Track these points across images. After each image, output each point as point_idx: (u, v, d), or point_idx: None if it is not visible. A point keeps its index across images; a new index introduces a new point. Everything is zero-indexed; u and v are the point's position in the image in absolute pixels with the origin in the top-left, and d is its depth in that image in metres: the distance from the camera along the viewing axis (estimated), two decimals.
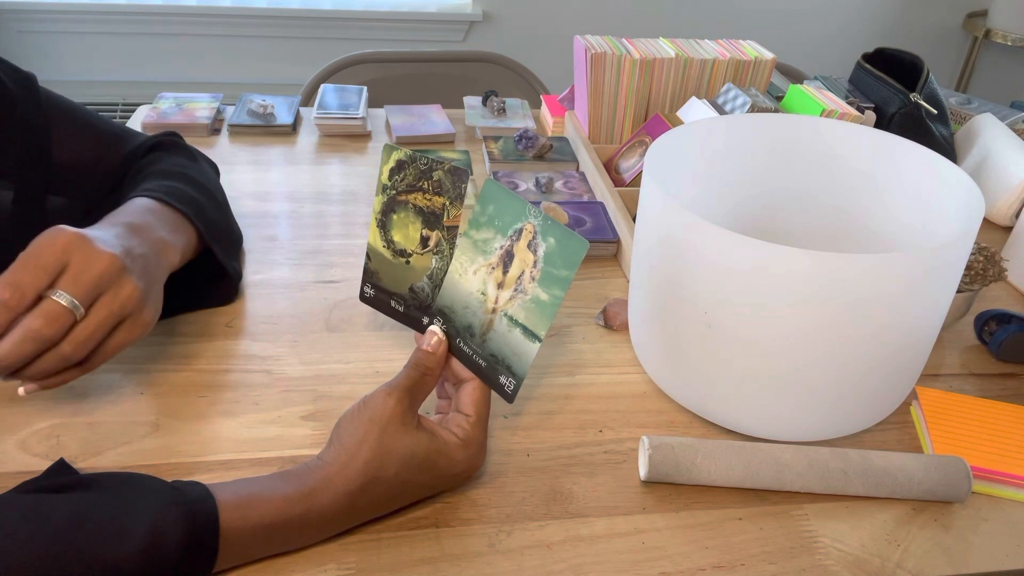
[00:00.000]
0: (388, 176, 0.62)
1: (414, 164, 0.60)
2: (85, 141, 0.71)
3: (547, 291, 0.51)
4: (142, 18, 2.38)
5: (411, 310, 0.63)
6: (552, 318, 0.51)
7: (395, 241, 0.62)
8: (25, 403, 0.60)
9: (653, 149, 0.63)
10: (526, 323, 0.52)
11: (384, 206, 0.62)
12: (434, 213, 0.60)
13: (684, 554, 0.53)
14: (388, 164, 0.62)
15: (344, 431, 0.50)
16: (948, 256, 0.54)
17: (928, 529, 0.56)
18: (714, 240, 0.54)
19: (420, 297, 0.62)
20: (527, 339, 0.52)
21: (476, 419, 0.54)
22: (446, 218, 0.59)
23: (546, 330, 0.52)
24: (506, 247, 0.54)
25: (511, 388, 0.54)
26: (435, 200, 0.59)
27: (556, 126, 1.13)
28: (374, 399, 0.51)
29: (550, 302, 0.51)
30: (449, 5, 2.52)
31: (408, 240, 0.62)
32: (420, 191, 0.60)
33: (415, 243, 0.61)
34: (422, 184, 0.60)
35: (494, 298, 0.54)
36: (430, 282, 0.61)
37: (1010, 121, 1.13)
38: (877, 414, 0.62)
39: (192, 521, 0.44)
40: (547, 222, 0.52)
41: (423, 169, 0.60)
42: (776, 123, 0.72)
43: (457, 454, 0.52)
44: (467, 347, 0.56)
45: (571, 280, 0.51)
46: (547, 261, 0.51)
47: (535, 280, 0.52)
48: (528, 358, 0.53)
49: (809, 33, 2.72)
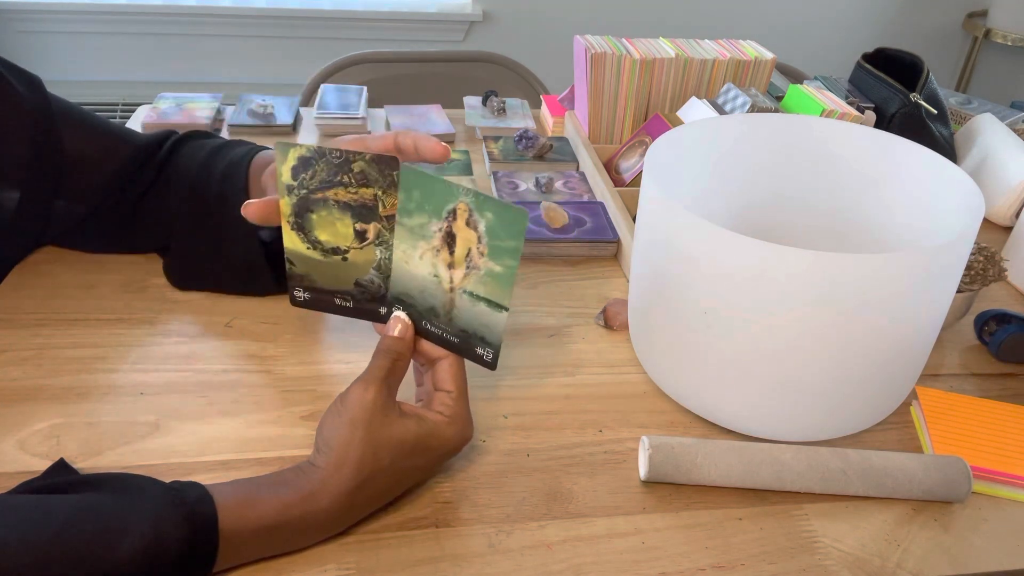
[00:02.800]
0: (291, 176, 0.57)
1: (324, 159, 0.55)
2: (93, 138, 0.71)
3: (499, 263, 0.52)
4: (142, 18, 2.37)
5: (362, 303, 0.61)
6: (511, 286, 0.53)
7: (322, 241, 0.59)
8: (25, 403, 0.60)
9: (653, 149, 0.63)
10: (488, 296, 0.53)
11: (296, 208, 0.58)
12: (365, 206, 0.56)
13: (684, 554, 0.53)
14: (287, 163, 0.56)
15: (329, 434, 0.50)
16: (948, 256, 0.54)
17: (928, 529, 0.56)
18: (714, 240, 0.54)
19: (371, 289, 0.60)
20: (493, 310, 0.54)
21: (458, 393, 0.54)
22: (382, 208, 0.56)
23: (509, 299, 0.53)
24: (444, 228, 0.54)
25: (490, 357, 0.55)
26: (363, 192, 0.56)
27: (556, 126, 1.13)
28: (351, 396, 0.51)
29: (505, 272, 0.52)
30: (449, 5, 2.52)
31: (339, 237, 0.58)
32: (340, 186, 0.56)
33: (349, 239, 0.58)
34: (341, 178, 0.56)
35: (448, 278, 0.55)
36: (379, 273, 0.58)
37: (1010, 121, 1.13)
38: (877, 414, 0.62)
39: (191, 522, 0.44)
40: (479, 198, 0.52)
41: (337, 163, 0.55)
42: (776, 123, 0.72)
43: (447, 431, 0.53)
44: (435, 327, 0.57)
45: (520, 249, 0.51)
46: (491, 235, 0.52)
47: (484, 255, 0.53)
48: (499, 327, 0.54)
49: (809, 33, 2.72)
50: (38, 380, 0.62)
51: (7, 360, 0.64)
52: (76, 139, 0.69)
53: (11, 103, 0.65)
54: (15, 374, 0.63)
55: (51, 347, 0.66)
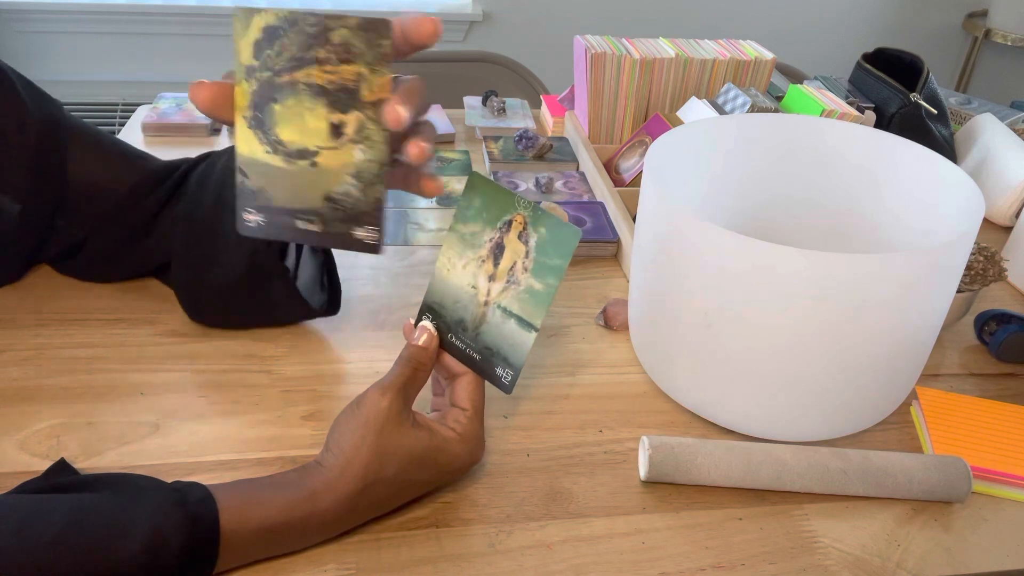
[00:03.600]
0: (252, 53, 0.46)
1: (295, 28, 0.44)
2: (102, 162, 0.69)
3: (541, 280, 0.51)
4: (142, 18, 2.37)
5: (333, 225, 0.49)
6: (547, 307, 0.51)
7: (285, 141, 0.47)
8: (25, 403, 0.60)
9: (653, 149, 0.63)
10: (521, 313, 0.52)
11: (255, 97, 0.47)
12: (345, 89, 0.45)
13: (684, 554, 0.53)
14: (248, 36, 0.45)
15: (340, 435, 0.50)
16: (948, 256, 0.54)
17: (928, 529, 0.56)
18: (714, 240, 0.54)
19: (345, 205, 0.48)
20: (522, 329, 0.52)
21: (473, 412, 0.54)
22: (367, 91, 0.45)
23: (542, 319, 0.51)
24: (496, 239, 0.53)
25: (508, 379, 0.53)
26: (343, 70, 0.45)
27: (556, 126, 1.13)
28: (367, 400, 0.51)
29: (545, 291, 0.51)
30: (449, 5, 2.52)
31: (307, 134, 0.47)
32: (314, 64, 0.45)
33: (322, 136, 0.47)
34: (315, 53, 0.45)
35: (486, 291, 0.53)
36: (358, 182, 0.48)
37: (1010, 121, 1.13)
38: (877, 414, 0.62)
39: (193, 523, 0.44)
40: (537, 212, 0.51)
41: (312, 32, 0.44)
42: (776, 123, 0.72)
43: (456, 449, 0.52)
44: (459, 341, 0.55)
45: (565, 269, 0.50)
46: (539, 251, 0.51)
47: (528, 270, 0.51)
48: (524, 348, 0.52)
49: (809, 33, 2.72)
50: (38, 380, 0.62)
51: (7, 360, 0.64)
52: (85, 160, 0.68)
53: (16, 112, 0.64)
54: (15, 374, 0.63)
55: (51, 347, 0.66)
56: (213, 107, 0.48)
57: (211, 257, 0.64)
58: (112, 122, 2.31)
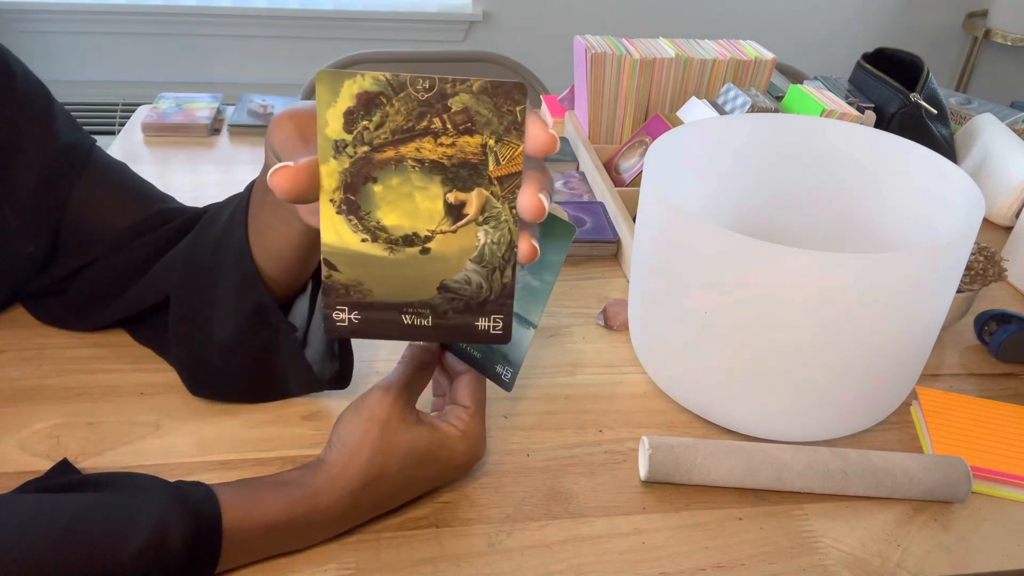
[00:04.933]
0: (345, 125, 0.38)
1: (402, 94, 0.38)
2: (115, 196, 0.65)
3: (538, 277, 0.51)
4: (142, 18, 2.37)
5: (449, 316, 0.42)
6: (544, 303, 0.51)
7: (387, 227, 0.40)
8: (25, 403, 0.60)
9: (653, 149, 0.63)
10: (519, 310, 0.52)
11: (347, 177, 0.39)
12: (467, 164, 0.39)
13: (684, 554, 0.53)
14: (338, 105, 0.38)
15: (344, 431, 0.50)
16: (948, 256, 0.54)
17: (928, 529, 0.56)
18: (714, 240, 0.54)
19: (465, 294, 0.42)
20: (520, 326, 0.52)
21: (474, 410, 0.54)
22: (493, 166, 0.39)
23: (539, 316, 0.51)
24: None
25: (508, 377, 0.54)
26: (464, 143, 0.39)
27: (556, 126, 1.13)
28: (371, 397, 0.51)
29: (541, 288, 0.51)
30: (449, 5, 2.52)
31: (418, 217, 0.40)
32: (428, 135, 0.38)
33: (436, 218, 0.40)
34: (429, 123, 0.38)
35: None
36: (481, 268, 0.41)
37: (1010, 121, 1.13)
38: (877, 414, 0.62)
39: (195, 521, 0.44)
40: None
41: (425, 97, 0.38)
42: (776, 123, 0.72)
43: (458, 446, 0.53)
44: None
45: (561, 265, 0.50)
46: None
47: (524, 268, 0.51)
48: (523, 345, 0.52)
49: (809, 33, 2.72)
50: (38, 380, 0.62)
51: (7, 360, 0.64)
52: (94, 190, 0.64)
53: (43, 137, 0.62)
54: (15, 374, 0.63)
55: (51, 347, 0.66)
56: (299, 195, 0.39)
57: (207, 302, 0.57)
58: (112, 122, 2.31)
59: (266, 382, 0.60)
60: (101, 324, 0.67)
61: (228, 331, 0.56)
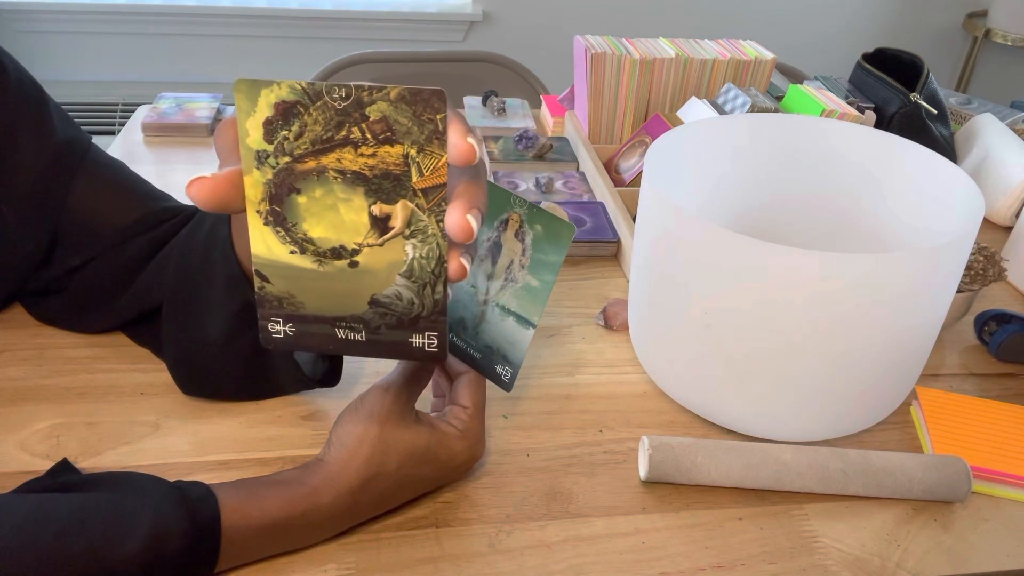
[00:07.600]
0: (265, 136, 0.37)
1: (319, 103, 0.37)
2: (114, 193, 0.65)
3: (537, 277, 0.51)
4: (142, 18, 2.37)
5: (383, 332, 0.42)
6: (544, 303, 0.52)
7: (315, 239, 0.40)
8: (25, 403, 0.60)
9: (653, 149, 0.63)
10: (519, 310, 0.52)
11: (271, 188, 0.38)
12: (388, 175, 0.38)
13: (684, 554, 0.53)
14: (257, 114, 0.37)
15: (343, 430, 0.50)
16: (948, 256, 0.54)
17: (928, 529, 0.56)
18: (714, 240, 0.54)
19: (397, 310, 0.41)
20: (520, 326, 0.52)
21: (474, 410, 0.54)
22: (416, 177, 0.38)
23: (539, 316, 0.52)
24: (492, 238, 0.53)
25: (508, 377, 0.54)
26: (384, 153, 0.37)
27: (556, 126, 1.13)
28: (371, 396, 0.51)
29: (541, 288, 0.51)
30: (449, 5, 2.52)
31: (344, 230, 0.39)
32: (348, 145, 0.37)
33: (362, 231, 0.39)
34: (347, 133, 0.37)
35: (484, 290, 0.54)
36: (411, 283, 0.40)
37: (1010, 121, 1.13)
38: (877, 414, 0.62)
39: (194, 521, 0.44)
40: (532, 210, 0.51)
41: (342, 106, 0.37)
42: (776, 123, 0.72)
43: (457, 445, 0.53)
44: (460, 341, 0.55)
45: (560, 264, 0.51)
46: (535, 248, 0.51)
47: (524, 268, 0.52)
48: (523, 345, 0.53)
49: (809, 33, 2.72)
50: (38, 380, 0.62)
51: (7, 360, 0.64)
52: (93, 187, 0.64)
53: (40, 135, 0.61)
54: (15, 374, 0.63)
55: (51, 347, 0.66)
56: (219, 206, 0.39)
57: (197, 302, 0.57)
58: (112, 122, 2.31)
59: (256, 381, 0.60)
60: (99, 328, 0.67)
61: (217, 331, 0.56)
